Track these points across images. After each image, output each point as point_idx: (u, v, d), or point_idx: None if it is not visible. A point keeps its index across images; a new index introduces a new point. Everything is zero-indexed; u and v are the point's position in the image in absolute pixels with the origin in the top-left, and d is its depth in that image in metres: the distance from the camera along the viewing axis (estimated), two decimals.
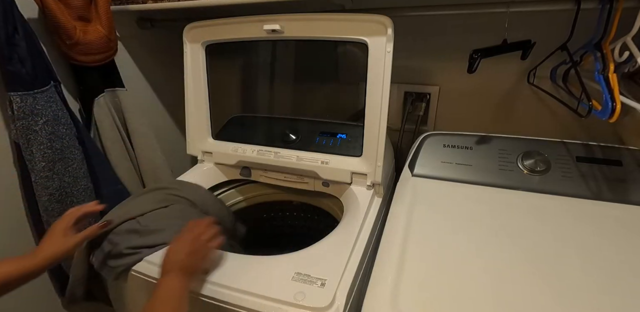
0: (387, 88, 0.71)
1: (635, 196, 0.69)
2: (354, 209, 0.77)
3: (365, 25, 0.71)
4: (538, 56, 0.83)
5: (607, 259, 0.57)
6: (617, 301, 0.51)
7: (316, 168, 0.84)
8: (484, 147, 0.82)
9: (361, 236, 0.69)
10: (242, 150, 0.91)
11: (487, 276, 0.56)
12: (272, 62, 1.06)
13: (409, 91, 1.07)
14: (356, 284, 0.61)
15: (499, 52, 0.75)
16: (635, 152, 0.75)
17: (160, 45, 1.14)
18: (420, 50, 1.00)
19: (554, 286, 0.53)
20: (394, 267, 0.58)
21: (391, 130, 0.84)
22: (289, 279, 0.59)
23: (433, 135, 0.88)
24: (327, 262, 0.62)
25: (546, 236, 0.63)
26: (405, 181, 0.81)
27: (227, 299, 0.57)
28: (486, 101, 1.02)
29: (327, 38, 0.76)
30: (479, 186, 0.77)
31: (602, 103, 0.60)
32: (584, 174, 0.74)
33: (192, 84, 0.92)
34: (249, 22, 0.80)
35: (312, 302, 0.54)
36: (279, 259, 0.64)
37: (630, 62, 0.64)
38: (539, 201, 0.71)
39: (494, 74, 0.96)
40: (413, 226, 0.67)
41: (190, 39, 0.88)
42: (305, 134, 0.91)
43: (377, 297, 0.54)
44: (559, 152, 0.78)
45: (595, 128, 0.94)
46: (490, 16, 0.76)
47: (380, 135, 0.75)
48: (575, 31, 0.72)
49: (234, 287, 0.58)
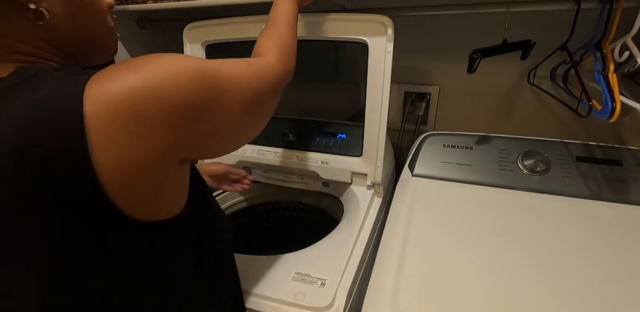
0: (387, 88, 0.71)
1: (635, 196, 0.69)
2: (354, 209, 0.77)
3: (365, 25, 0.71)
4: (538, 56, 0.83)
5: (607, 259, 0.57)
6: (617, 301, 0.51)
7: (316, 168, 0.84)
8: (484, 147, 0.82)
9: (361, 236, 0.69)
10: (242, 150, 0.91)
11: (486, 276, 0.56)
12: None
13: (409, 91, 1.07)
14: (356, 284, 0.61)
15: (499, 52, 0.75)
16: (635, 152, 0.75)
17: (160, 45, 1.14)
18: (420, 50, 1.00)
19: (554, 286, 0.53)
20: (394, 267, 0.58)
21: (391, 130, 0.84)
22: (289, 279, 0.59)
23: (433, 135, 0.88)
24: (327, 262, 0.62)
25: (546, 236, 0.63)
26: (405, 181, 0.81)
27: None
28: (486, 101, 1.02)
29: (327, 38, 0.76)
30: (479, 186, 0.77)
31: (602, 103, 0.60)
32: (584, 174, 0.74)
33: None
34: (249, 22, 0.80)
35: (312, 302, 0.54)
36: (279, 259, 0.64)
37: (630, 62, 0.65)
38: (539, 201, 0.71)
39: (494, 74, 0.96)
40: (413, 226, 0.67)
41: (190, 39, 0.88)
42: (305, 134, 0.91)
43: (377, 297, 0.54)
44: (559, 152, 0.78)
45: (595, 128, 0.94)
46: (490, 16, 0.76)
47: (380, 136, 0.75)
48: (575, 31, 0.72)
49: None
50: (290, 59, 0.54)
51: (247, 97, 0.40)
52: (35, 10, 0.34)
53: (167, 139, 0.32)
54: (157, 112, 0.30)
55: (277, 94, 0.50)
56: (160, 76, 0.31)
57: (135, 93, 0.30)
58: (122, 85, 0.30)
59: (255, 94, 0.42)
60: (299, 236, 1.08)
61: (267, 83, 0.45)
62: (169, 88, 0.31)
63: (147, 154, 0.31)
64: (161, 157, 0.32)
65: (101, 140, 0.29)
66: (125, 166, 0.30)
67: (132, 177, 0.31)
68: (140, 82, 0.30)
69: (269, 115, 0.49)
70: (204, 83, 0.34)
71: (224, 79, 0.37)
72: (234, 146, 0.46)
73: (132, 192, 0.32)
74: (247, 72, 0.42)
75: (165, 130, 0.31)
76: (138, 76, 0.30)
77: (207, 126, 0.35)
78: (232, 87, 0.38)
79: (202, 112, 0.34)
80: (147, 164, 0.31)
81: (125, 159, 0.30)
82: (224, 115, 0.37)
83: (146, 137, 0.30)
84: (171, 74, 0.32)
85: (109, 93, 0.29)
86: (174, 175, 0.35)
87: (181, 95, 0.32)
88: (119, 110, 0.29)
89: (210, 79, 0.35)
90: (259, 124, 0.47)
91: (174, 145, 0.33)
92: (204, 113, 0.34)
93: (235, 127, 0.41)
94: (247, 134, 0.46)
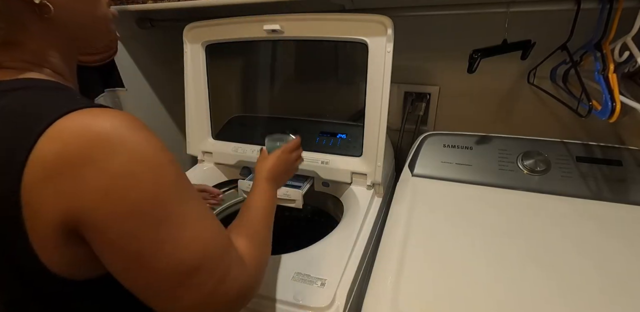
0: (387, 88, 0.71)
1: (635, 196, 0.69)
2: (354, 209, 0.77)
3: (365, 25, 0.71)
4: (538, 56, 0.83)
5: (607, 259, 0.57)
6: (617, 301, 0.50)
7: (316, 168, 0.84)
8: (484, 147, 0.82)
9: (361, 236, 0.69)
10: (242, 150, 0.91)
11: (486, 275, 0.56)
12: (272, 62, 1.06)
13: (409, 91, 1.07)
14: (356, 284, 0.61)
15: (499, 52, 0.75)
16: (635, 152, 0.75)
17: (160, 45, 1.14)
18: (420, 50, 1.00)
19: (554, 286, 0.53)
20: (394, 267, 0.58)
21: (391, 130, 0.84)
22: (289, 279, 0.59)
23: (433, 135, 0.88)
24: (327, 262, 0.62)
25: (546, 236, 0.63)
26: (405, 181, 0.81)
27: None
28: (486, 101, 1.02)
29: (327, 38, 0.76)
30: (479, 186, 0.77)
31: (602, 103, 0.60)
32: (584, 174, 0.74)
33: (192, 84, 0.92)
34: (249, 22, 0.80)
35: (312, 302, 0.54)
36: (279, 259, 0.64)
37: (630, 62, 0.65)
38: (539, 201, 0.71)
39: (494, 74, 0.96)
40: (413, 225, 0.67)
41: (190, 39, 0.88)
42: (305, 134, 0.91)
43: (377, 297, 0.54)
44: (559, 152, 0.78)
45: (595, 128, 0.94)
46: (490, 16, 0.75)
47: (380, 136, 0.75)
48: (575, 31, 0.72)
49: None
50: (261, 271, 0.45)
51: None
52: (40, 5, 0.36)
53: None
54: (93, 183, 0.30)
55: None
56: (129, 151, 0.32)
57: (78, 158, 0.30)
58: (83, 137, 0.30)
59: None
60: (299, 236, 1.08)
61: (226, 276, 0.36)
62: (123, 169, 0.31)
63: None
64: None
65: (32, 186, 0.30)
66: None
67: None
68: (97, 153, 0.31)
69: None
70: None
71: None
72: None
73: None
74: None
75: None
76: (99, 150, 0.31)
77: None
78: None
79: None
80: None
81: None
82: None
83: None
84: (141, 155, 0.33)
85: (66, 137, 0.30)
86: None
87: (130, 183, 0.31)
88: (61, 160, 0.30)
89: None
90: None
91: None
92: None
93: (137, 254, 0.33)
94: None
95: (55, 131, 0.30)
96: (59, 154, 0.30)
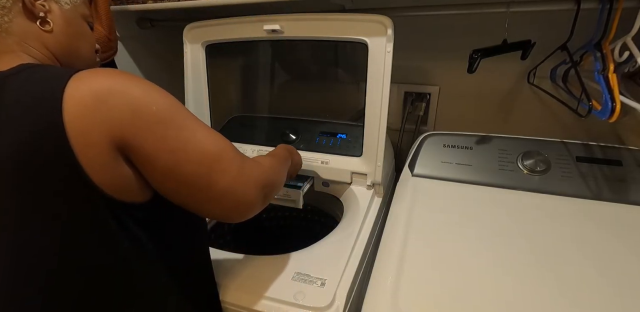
0: (387, 88, 0.71)
1: (635, 196, 0.69)
2: (354, 209, 0.77)
3: (365, 25, 0.71)
4: (538, 56, 0.83)
5: (607, 259, 0.57)
6: (617, 301, 0.50)
7: (316, 168, 0.84)
8: (484, 147, 0.82)
9: (361, 236, 0.69)
10: (242, 150, 0.91)
11: (486, 275, 0.56)
12: (272, 62, 1.07)
13: (409, 91, 1.07)
14: (356, 284, 0.61)
15: (499, 52, 0.75)
16: (635, 152, 0.75)
17: (160, 45, 1.14)
18: (420, 50, 1.00)
19: (554, 286, 0.53)
20: (394, 267, 0.58)
21: (391, 130, 0.84)
22: (289, 279, 0.59)
23: (433, 135, 0.88)
24: (327, 262, 0.62)
25: (546, 236, 0.63)
26: (405, 181, 0.81)
27: (227, 299, 0.57)
28: (486, 101, 1.02)
29: (327, 38, 0.76)
30: (479, 186, 0.77)
31: (602, 103, 0.60)
32: (584, 174, 0.74)
33: (192, 84, 0.92)
34: (249, 22, 0.80)
35: (312, 302, 0.54)
36: (279, 259, 0.64)
37: (630, 62, 0.65)
38: (539, 201, 0.71)
39: (494, 74, 0.96)
40: (413, 225, 0.67)
41: (190, 39, 0.88)
42: (305, 134, 0.91)
43: (377, 297, 0.54)
44: (559, 152, 0.78)
45: (595, 128, 0.94)
46: (490, 16, 0.76)
47: (380, 135, 0.75)
48: (575, 31, 0.72)
49: (234, 287, 0.58)
50: (272, 191, 0.56)
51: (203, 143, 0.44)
52: (43, 18, 0.47)
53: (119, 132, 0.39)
54: (122, 107, 0.38)
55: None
56: (137, 83, 0.41)
57: (109, 88, 0.39)
58: (101, 80, 0.39)
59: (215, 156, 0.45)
60: (299, 236, 1.08)
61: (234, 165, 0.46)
62: (141, 93, 0.40)
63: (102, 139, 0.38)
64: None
65: (74, 120, 0.37)
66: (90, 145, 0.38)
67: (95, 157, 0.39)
68: (118, 83, 0.40)
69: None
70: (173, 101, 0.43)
71: (185, 116, 0.44)
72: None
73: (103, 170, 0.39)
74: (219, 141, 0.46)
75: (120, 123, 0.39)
76: (117, 78, 0.40)
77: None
78: (189, 123, 0.44)
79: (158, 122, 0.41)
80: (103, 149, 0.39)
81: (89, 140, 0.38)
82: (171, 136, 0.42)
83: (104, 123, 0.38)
84: (147, 85, 0.42)
85: (88, 84, 0.38)
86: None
87: (148, 101, 0.40)
88: (92, 96, 0.38)
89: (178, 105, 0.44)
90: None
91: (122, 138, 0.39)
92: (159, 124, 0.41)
93: (173, 151, 0.42)
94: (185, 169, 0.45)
95: (81, 76, 0.38)
96: (90, 90, 0.38)
